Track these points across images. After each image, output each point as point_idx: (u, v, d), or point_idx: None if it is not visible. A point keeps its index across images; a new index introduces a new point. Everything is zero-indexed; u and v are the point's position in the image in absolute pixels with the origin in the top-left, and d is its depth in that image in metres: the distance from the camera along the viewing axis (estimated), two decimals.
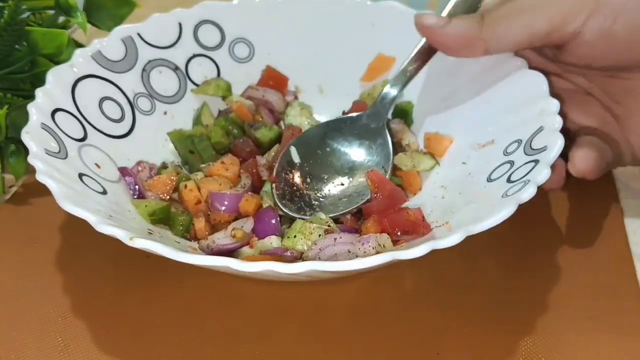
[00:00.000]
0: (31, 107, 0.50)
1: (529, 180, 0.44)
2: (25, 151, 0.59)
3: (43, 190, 0.44)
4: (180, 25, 0.63)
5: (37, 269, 0.52)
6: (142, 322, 0.47)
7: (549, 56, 0.54)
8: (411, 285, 0.50)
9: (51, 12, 0.64)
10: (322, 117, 0.64)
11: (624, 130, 0.53)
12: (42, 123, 0.49)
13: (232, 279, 0.49)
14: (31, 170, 0.60)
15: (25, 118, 0.48)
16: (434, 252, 0.39)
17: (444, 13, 0.54)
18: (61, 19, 0.64)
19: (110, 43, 0.59)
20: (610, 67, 0.51)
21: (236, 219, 0.53)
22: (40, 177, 0.44)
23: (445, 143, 0.58)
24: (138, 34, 0.60)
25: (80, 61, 0.56)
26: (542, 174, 0.44)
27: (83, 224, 0.42)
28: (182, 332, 0.46)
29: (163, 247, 0.39)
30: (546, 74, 0.53)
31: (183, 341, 0.46)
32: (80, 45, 0.65)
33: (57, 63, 0.60)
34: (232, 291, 0.49)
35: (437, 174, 0.57)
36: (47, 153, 0.47)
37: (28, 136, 0.47)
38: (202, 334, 0.46)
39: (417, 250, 0.39)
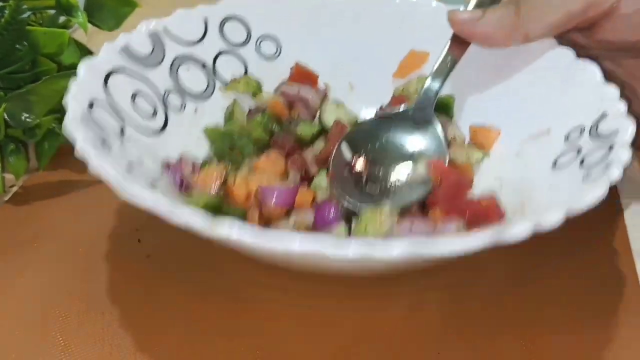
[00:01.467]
0: (70, 99, 0.45)
1: (611, 161, 0.42)
2: (25, 150, 0.59)
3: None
4: (205, 21, 0.60)
5: (37, 269, 0.50)
6: (143, 322, 0.46)
7: (571, 38, 0.54)
8: (412, 284, 0.48)
9: (52, 11, 0.63)
10: (356, 112, 0.62)
11: None
12: (83, 114, 0.45)
13: (237, 280, 0.48)
14: (32, 169, 0.60)
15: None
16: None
17: (471, 6, 0.53)
18: (62, 18, 0.63)
19: (138, 37, 0.55)
20: None
21: (287, 213, 0.50)
22: (95, 163, 0.39)
23: (492, 135, 0.56)
24: (164, 29, 0.57)
25: (109, 55, 0.52)
26: (624, 155, 0.42)
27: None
28: (183, 331, 0.45)
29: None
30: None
31: (184, 340, 0.44)
32: (81, 45, 0.64)
33: (58, 63, 0.59)
34: (235, 293, 0.48)
35: (488, 167, 0.55)
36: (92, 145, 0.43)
37: (74, 123, 0.42)
38: (204, 333, 0.45)
39: (518, 230, 0.36)
